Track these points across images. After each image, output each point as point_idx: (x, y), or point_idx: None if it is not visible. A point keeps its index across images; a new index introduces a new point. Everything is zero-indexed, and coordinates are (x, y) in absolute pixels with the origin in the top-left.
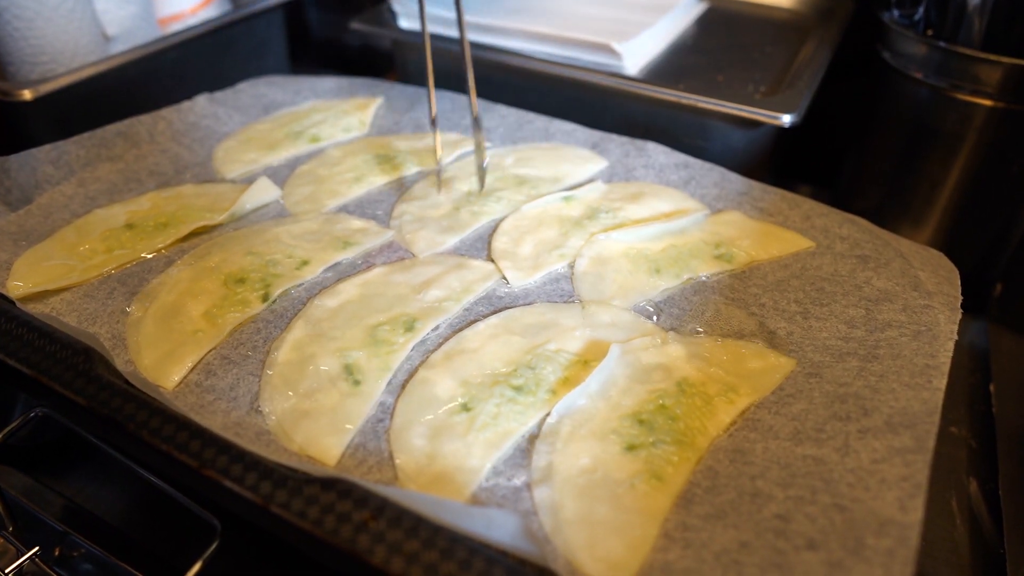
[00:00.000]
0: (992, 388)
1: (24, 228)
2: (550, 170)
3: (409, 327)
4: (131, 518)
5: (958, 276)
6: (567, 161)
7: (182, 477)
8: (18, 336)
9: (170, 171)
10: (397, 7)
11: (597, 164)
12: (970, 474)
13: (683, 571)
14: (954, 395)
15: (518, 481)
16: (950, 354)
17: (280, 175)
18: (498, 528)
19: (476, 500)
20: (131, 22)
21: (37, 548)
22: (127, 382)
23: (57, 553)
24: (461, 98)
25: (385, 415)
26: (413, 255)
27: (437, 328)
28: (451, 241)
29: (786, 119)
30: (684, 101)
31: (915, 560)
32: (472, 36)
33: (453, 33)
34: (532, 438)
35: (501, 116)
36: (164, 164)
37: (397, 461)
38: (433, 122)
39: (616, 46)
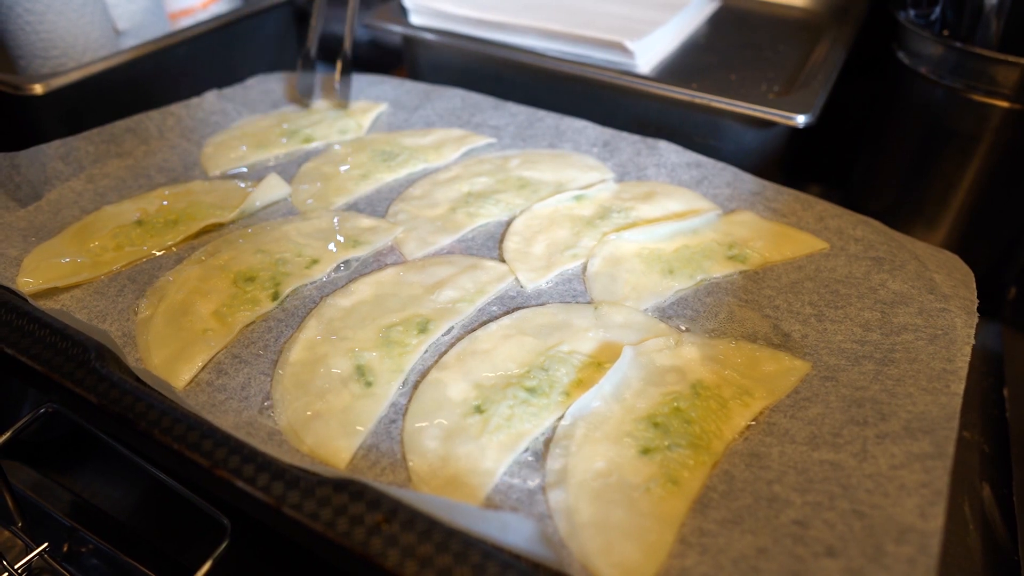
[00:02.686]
0: (1006, 392)
1: (34, 224)
2: (554, 175)
3: (423, 328)
4: (140, 515)
5: (974, 279)
6: (573, 167)
7: (192, 476)
8: (29, 332)
9: (179, 167)
10: (407, 3)
11: (603, 173)
12: (983, 479)
13: None
14: (967, 399)
15: (532, 484)
16: (967, 358)
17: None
18: (513, 532)
19: (490, 503)
20: (142, 17)
21: (46, 544)
22: (138, 379)
23: (66, 549)
24: (472, 96)
25: (398, 416)
26: (403, 256)
27: (451, 330)
28: (443, 242)
29: (800, 119)
30: (697, 100)
31: (937, 569)
32: (484, 33)
33: (466, 30)
34: (546, 440)
35: (511, 114)
36: (173, 160)
37: (410, 463)
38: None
39: (629, 44)
